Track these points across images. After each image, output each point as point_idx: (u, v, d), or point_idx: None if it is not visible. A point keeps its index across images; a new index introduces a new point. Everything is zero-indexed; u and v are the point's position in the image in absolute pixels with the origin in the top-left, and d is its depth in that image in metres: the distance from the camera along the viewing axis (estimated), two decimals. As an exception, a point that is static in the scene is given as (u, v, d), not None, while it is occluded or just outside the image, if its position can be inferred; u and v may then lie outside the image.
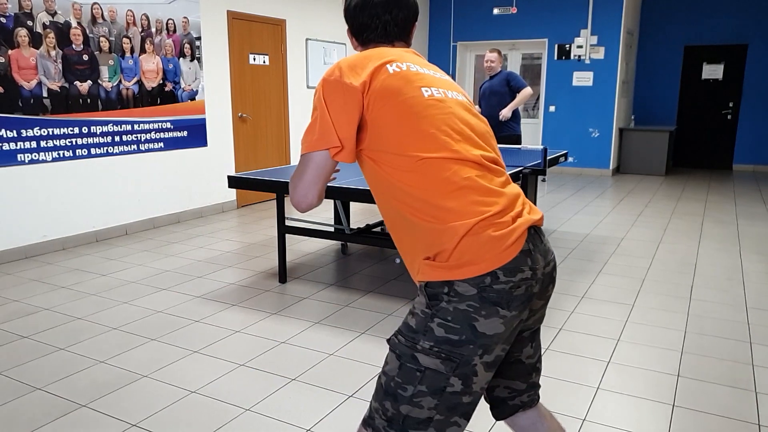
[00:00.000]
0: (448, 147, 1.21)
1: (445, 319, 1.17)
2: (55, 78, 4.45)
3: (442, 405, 1.19)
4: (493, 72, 5.66)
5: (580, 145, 8.80)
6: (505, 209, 1.20)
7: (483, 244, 1.16)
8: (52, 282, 3.82)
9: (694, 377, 2.55)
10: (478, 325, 1.16)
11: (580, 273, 4.04)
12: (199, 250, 4.61)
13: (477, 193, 1.19)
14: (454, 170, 1.19)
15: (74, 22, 4.54)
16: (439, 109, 1.24)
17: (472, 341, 1.16)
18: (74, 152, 4.62)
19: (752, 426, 2.18)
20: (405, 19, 1.40)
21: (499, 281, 1.16)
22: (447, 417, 1.20)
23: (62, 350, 2.81)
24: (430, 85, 1.27)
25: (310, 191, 1.26)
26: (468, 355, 1.17)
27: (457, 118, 1.26)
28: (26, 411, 2.28)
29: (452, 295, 1.16)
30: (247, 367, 2.64)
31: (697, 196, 6.98)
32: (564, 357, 2.75)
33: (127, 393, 2.41)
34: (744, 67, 8.98)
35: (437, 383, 1.18)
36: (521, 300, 1.18)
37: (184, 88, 5.49)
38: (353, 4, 1.40)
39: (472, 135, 1.26)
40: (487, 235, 1.16)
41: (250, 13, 6.15)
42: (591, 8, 8.35)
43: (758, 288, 3.73)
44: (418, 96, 1.23)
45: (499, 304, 1.16)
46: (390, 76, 1.24)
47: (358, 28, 1.41)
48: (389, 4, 1.38)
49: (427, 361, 1.18)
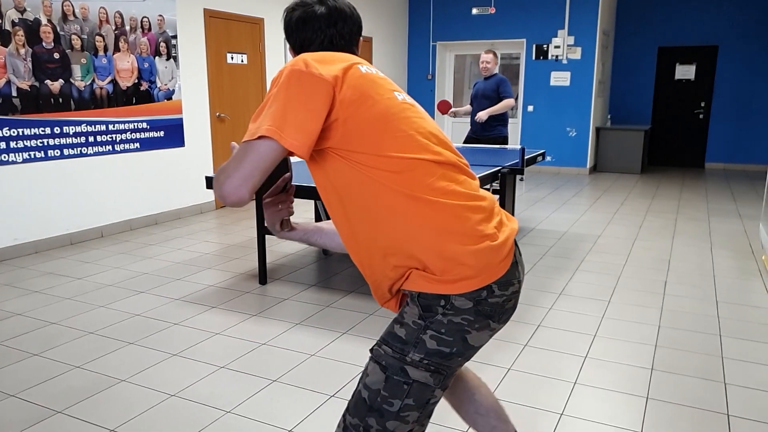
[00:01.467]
0: (429, 149, 1.17)
1: (439, 331, 1.15)
2: (25, 77, 4.35)
3: (423, 416, 1.20)
4: (488, 73, 5.77)
5: (558, 144, 8.93)
6: (489, 216, 1.19)
7: (480, 257, 1.13)
8: (25, 286, 3.74)
9: (666, 370, 2.62)
10: (470, 338, 1.17)
11: (558, 270, 4.10)
12: (177, 252, 4.55)
13: (464, 198, 1.16)
14: (440, 173, 1.16)
15: (44, 20, 4.44)
16: (414, 113, 1.21)
17: (462, 353, 1.17)
18: (46, 153, 4.52)
19: (721, 416, 2.25)
20: (350, 33, 1.35)
21: (494, 295, 1.16)
22: (422, 426, 1.22)
23: (36, 356, 2.76)
24: (399, 91, 1.25)
25: (244, 185, 1.08)
26: (455, 367, 1.19)
27: (428, 123, 1.24)
28: (0, 418, 2.23)
29: (448, 308, 1.14)
30: (228, 369, 2.62)
31: (671, 194, 7.14)
32: (542, 353, 2.80)
33: (105, 398, 2.37)
34: (715, 67, 9.20)
35: (423, 397, 1.17)
36: (509, 313, 1.21)
37: (160, 87, 5.42)
38: (295, 19, 1.32)
39: (444, 140, 1.25)
40: (486, 245, 1.14)
41: (228, 12, 6.09)
42: (568, 9, 8.47)
43: (728, 283, 3.84)
44: (393, 98, 1.19)
45: (492, 317, 1.17)
46: (363, 76, 1.18)
47: (302, 44, 1.32)
48: (333, 17, 1.31)
49: (417, 374, 1.16)
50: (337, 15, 1.32)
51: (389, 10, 9.17)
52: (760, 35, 8.79)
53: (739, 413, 2.26)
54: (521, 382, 2.51)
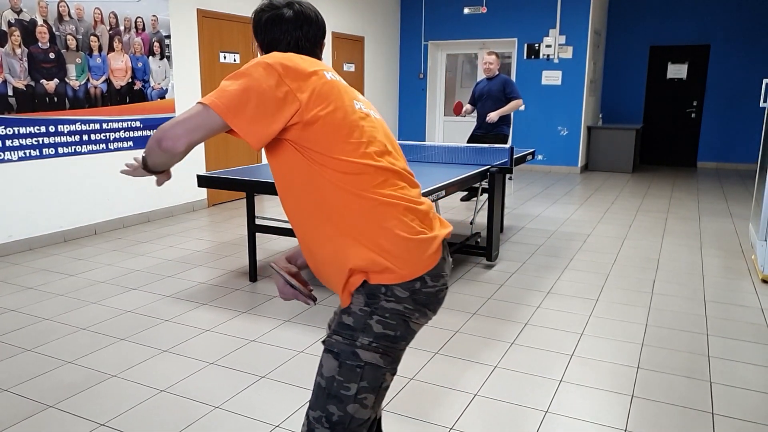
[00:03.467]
0: (375, 157, 1.26)
1: (384, 316, 1.25)
2: (21, 76, 4.37)
3: (378, 402, 1.28)
4: (491, 74, 5.94)
5: (549, 143, 8.98)
6: (424, 218, 1.30)
7: (413, 250, 1.24)
8: (19, 283, 3.77)
9: (653, 369, 2.65)
10: (412, 324, 1.28)
11: (547, 269, 4.15)
12: (169, 249, 4.59)
13: (406, 201, 1.27)
14: (383, 179, 1.26)
15: (40, 20, 4.46)
16: (368, 122, 1.31)
17: (405, 338, 1.28)
18: (41, 151, 4.55)
19: (706, 415, 2.27)
20: (315, 36, 1.42)
21: (428, 285, 1.27)
22: (375, 412, 1.30)
23: (29, 351, 2.79)
24: (358, 100, 1.33)
25: (184, 138, 1.17)
26: (401, 350, 1.29)
27: (381, 133, 1.33)
28: (-9, 413, 2.26)
29: (389, 295, 1.25)
30: (217, 365, 2.66)
31: (662, 193, 7.19)
32: (528, 351, 2.84)
33: (96, 393, 2.41)
34: (707, 66, 9.27)
35: (376, 380, 1.25)
36: (441, 303, 1.33)
37: (153, 86, 5.44)
38: (264, 19, 1.39)
39: (393, 150, 1.34)
40: (419, 239, 1.25)
41: (220, 11, 6.11)
42: (559, 8, 8.52)
43: (716, 282, 3.89)
44: (351, 107, 1.28)
45: (428, 306, 1.29)
46: (327, 83, 1.26)
47: (269, 43, 1.40)
48: (299, 21, 1.39)
49: (367, 356, 1.24)
50: (303, 19, 1.40)
51: (381, 10, 9.19)
52: (752, 34, 8.86)
53: (723, 412, 2.29)
54: (507, 379, 2.55)
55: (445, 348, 2.86)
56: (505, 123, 5.97)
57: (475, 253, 4.29)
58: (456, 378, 2.55)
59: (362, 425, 1.26)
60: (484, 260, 4.29)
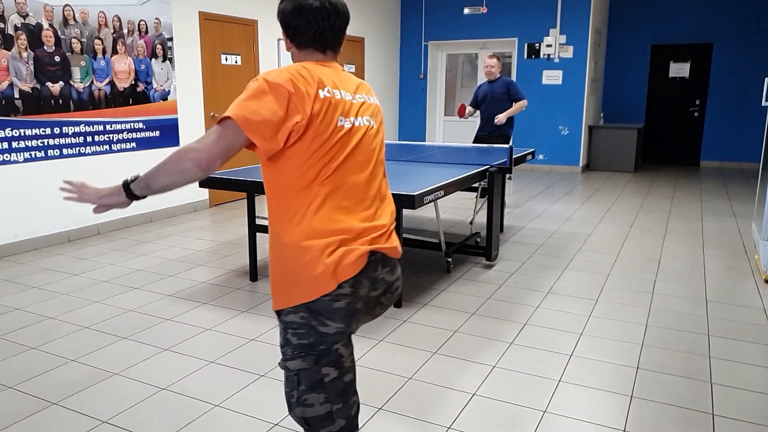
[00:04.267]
0: (328, 176, 1.34)
1: (294, 328, 1.37)
2: (27, 79, 4.42)
3: (332, 394, 1.38)
4: (492, 77, 6.01)
5: (550, 142, 8.98)
6: (346, 240, 1.34)
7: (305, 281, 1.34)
8: (24, 282, 3.81)
9: (652, 369, 2.65)
10: (320, 328, 1.36)
11: (547, 269, 4.16)
12: (170, 249, 4.62)
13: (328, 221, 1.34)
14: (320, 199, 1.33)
15: (46, 24, 4.51)
16: (343, 139, 1.36)
17: (321, 341, 1.37)
18: (46, 153, 4.60)
19: (706, 415, 2.27)
20: (340, 27, 1.45)
21: (320, 299, 1.34)
22: (344, 401, 1.40)
23: (33, 349, 2.83)
24: (343, 113, 1.37)
25: (218, 161, 1.27)
26: (326, 347, 1.37)
27: (355, 149, 1.38)
28: (-4, 411, 2.30)
29: (288, 311, 1.37)
30: (217, 364, 2.69)
31: (664, 193, 7.19)
32: (527, 351, 2.85)
33: (98, 391, 2.44)
34: (710, 65, 9.25)
35: (313, 378, 1.37)
36: (343, 313, 1.36)
37: (156, 88, 5.48)
38: (289, 9, 1.41)
39: (360, 165, 1.39)
40: (315, 274, 1.32)
41: (222, 14, 6.15)
42: (560, 8, 8.52)
43: (718, 282, 3.88)
44: (332, 122, 1.34)
45: (323, 315, 1.35)
46: (317, 100, 1.32)
47: (294, 32, 1.42)
48: (325, 11, 1.40)
49: (294, 364, 1.39)
50: (331, 9, 1.42)
51: (381, 10, 9.21)
52: (755, 32, 8.83)
53: (724, 413, 2.29)
54: (505, 379, 2.57)
55: (444, 348, 2.88)
56: (508, 124, 6.04)
57: (475, 253, 4.31)
58: (454, 378, 2.57)
59: (325, 420, 1.39)
60: (483, 260, 4.31)
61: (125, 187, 1.35)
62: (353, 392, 1.44)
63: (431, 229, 5.27)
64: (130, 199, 1.36)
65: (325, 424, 1.39)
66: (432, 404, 2.36)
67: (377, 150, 1.47)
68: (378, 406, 2.33)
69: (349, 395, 1.42)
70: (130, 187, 1.35)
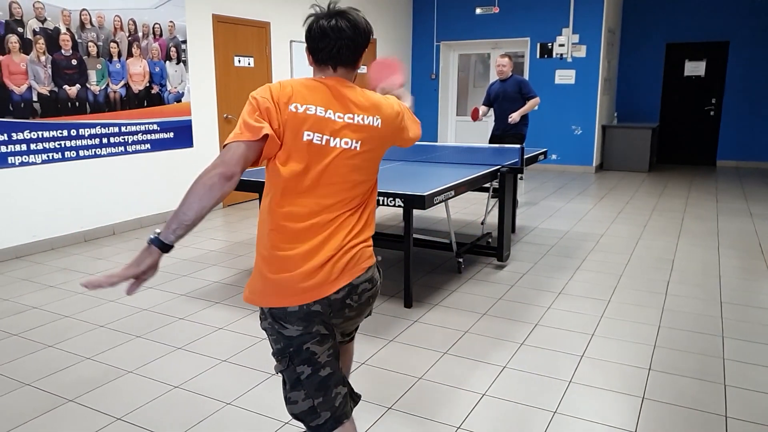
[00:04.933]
0: (290, 188, 1.44)
1: (269, 334, 1.52)
2: (45, 82, 4.51)
3: (310, 389, 1.48)
4: (504, 76, 6.07)
5: (563, 142, 8.92)
6: (305, 257, 1.45)
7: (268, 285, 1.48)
8: (41, 281, 3.88)
9: (664, 371, 2.63)
10: (283, 331, 1.47)
11: (558, 270, 4.14)
12: (184, 249, 4.68)
13: (282, 235, 1.46)
14: (285, 212, 1.45)
15: (63, 28, 4.59)
16: (307, 153, 1.44)
17: (290, 344, 1.48)
18: (63, 154, 4.68)
19: (719, 418, 2.25)
20: (360, 45, 1.53)
21: (279, 308, 1.48)
22: (324, 394, 1.48)
23: (50, 347, 2.88)
24: (315, 130, 1.44)
25: (238, 171, 1.45)
26: (295, 348, 1.47)
27: (315, 167, 1.44)
28: (15, 406, 2.35)
29: (262, 317, 1.53)
30: (229, 362, 2.72)
31: (678, 193, 7.11)
32: (538, 351, 2.85)
33: (113, 388, 2.49)
34: (726, 63, 9.13)
35: (292, 377, 1.49)
36: (298, 316, 1.46)
37: (170, 90, 5.55)
38: (318, 28, 1.50)
39: (314, 185, 1.45)
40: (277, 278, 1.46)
41: (235, 17, 6.21)
42: (572, 7, 8.47)
43: (733, 283, 3.83)
44: (298, 138, 1.44)
45: (282, 320, 1.47)
46: (287, 113, 1.44)
47: (314, 49, 1.53)
48: (342, 30, 1.48)
49: (278, 367, 1.52)
50: (351, 28, 1.52)
51: (393, 12, 9.23)
52: (772, 32, 8.70)
53: (737, 415, 2.26)
54: (515, 380, 2.56)
55: (454, 348, 2.88)
56: (523, 123, 6.09)
57: (486, 254, 4.31)
58: (464, 378, 2.58)
59: (309, 414, 1.49)
60: (495, 260, 4.30)
61: (154, 242, 1.34)
62: (334, 385, 1.50)
63: (443, 229, 5.27)
64: (164, 252, 1.35)
65: (311, 419, 1.49)
66: (441, 404, 2.37)
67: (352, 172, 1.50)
68: (387, 406, 2.35)
69: (328, 388, 1.49)
70: (159, 239, 1.34)
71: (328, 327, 1.52)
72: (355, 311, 1.56)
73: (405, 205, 3.13)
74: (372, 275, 1.57)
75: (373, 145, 1.52)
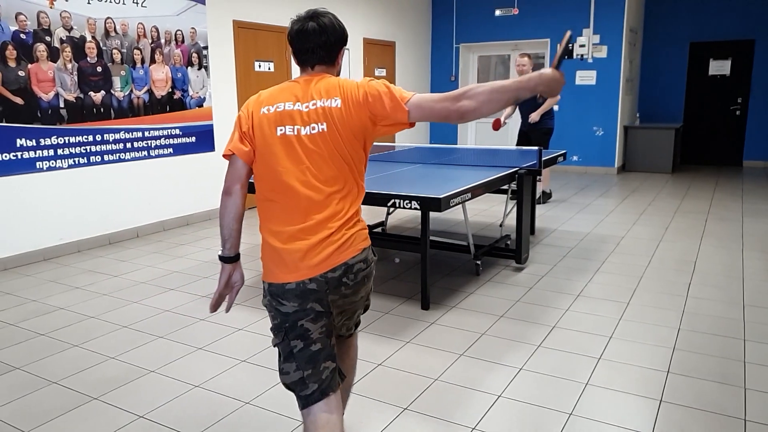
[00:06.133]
0: (275, 179, 1.60)
1: (268, 311, 1.67)
2: (71, 89, 4.64)
3: (301, 362, 1.60)
4: None
5: (585, 143, 8.83)
6: (293, 236, 1.59)
7: (269, 260, 1.65)
8: (68, 283, 4.00)
9: (683, 373, 2.60)
10: (282, 309, 1.61)
11: (577, 272, 4.11)
12: (206, 251, 4.76)
13: (276, 219, 1.62)
14: (270, 194, 1.62)
15: (89, 36, 4.73)
16: (285, 147, 1.59)
17: (286, 320, 1.61)
18: (89, 159, 4.81)
19: (738, 421, 2.22)
20: (333, 43, 1.66)
21: (275, 285, 1.62)
22: (313, 367, 1.61)
23: (76, 347, 2.97)
24: (286, 123, 1.60)
25: (234, 184, 1.68)
26: (291, 324, 1.60)
27: (294, 155, 1.58)
28: (43, 403, 2.43)
29: (263, 294, 1.68)
30: (248, 363, 2.77)
31: (702, 194, 6.98)
32: (555, 354, 2.84)
33: (136, 387, 2.55)
34: (752, 62, 8.93)
35: (285, 350, 1.62)
36: (296, 293, 1.58)
37: (192, 95, 5.67)
38: (293, 32, 1.67)
39: (300, 167, 1.58)
40: (274, 253, 1.62)
41: (255, 22, 6.30)
42: (593, 8, 8.38)
43: (757, 285, 3.75)
44: (272, 135, 1.60)
45: (279, 296, 1.60)
46: (259, 116, 1.63)
47: (296, 52, 1.69)
48: (317, 32, 1.63)
49: (274, 341, 1.66)
50: (322, 30, 1.65)
51: (412, 15, 9.25)
52: (800, 29, 8.49)
53: (757, 418, 2.23)
54: (531, 382, 2.56)
55: (470, 350, 2.89)
56: (548, 116, 6.29)
57: (505, 256, 4.30)
58: (480, 379, 2.58)
59: (299, 384, 1.61)
60: (513, 263, 4.29)
61: (220, 259, 1.75)
62: (323, 359, 1.62)
63: (462, 231, 5.27)
64: (228, 262, 1.74)
65: (300, 389, 1.61)
66: (457, 405, 2.38)
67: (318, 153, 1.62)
68: (403, 407, 2.37)
69: (317, 362, 1.61)
70: (219, 255, 1.75)
71: (324, 304, 1.61)
72: (351, 289, 1.64)
73: (421, 207, 3.15)
74: (366, 256, 1.67)
75: (339, 126, 1.59)
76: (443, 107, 1.63)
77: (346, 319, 1.78)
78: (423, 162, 4.68)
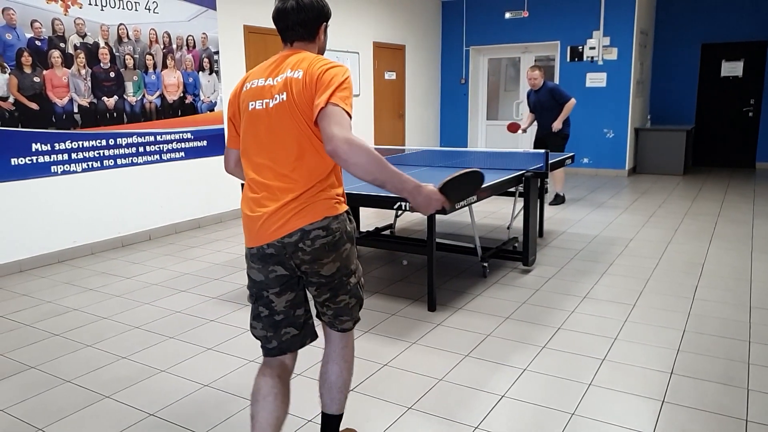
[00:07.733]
0: (245, 150, 1.76)
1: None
2: (85, 95, 4.74)
3: (266, 325, 1.81)
4: (536, 87, 6.47)
5: (595, 146, 8.80)
6: (263, 200, 1.70)
7: (245, 225, 1.77)
8: (82, 284, 4.08)
9: (686, 375, 2.61)
10: (251, 273, 1.79)
11: (584, 274, 4.12)
12: (217, 253, 4.83)
13: (249, 189, 1.75)
14: (246, 167, 1.76)
15: (102, 42, 4.83)
16: (253, 121, 1.72)
17: (253, 285, 1.80)
18: (102, 163, 4.91)
19: (739, 422, 2.23)
20: (310, 20, 1.75)
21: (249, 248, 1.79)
22: (275, 331, 1.80)
23: (89, 347, 3.05)
24: (257, 98, 1.71)
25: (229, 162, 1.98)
26: (257, 292, 1.79)
27: (261, 128, 1.70)
28: (57, 401, 2.50)
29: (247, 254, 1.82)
30: (257, 363, 2.82)
31: (713, 196, 6.94)
32: (559, 355, 2.85)
33: (147, 386, 2.62)
34: (765, 63, 8.85)
35: (254, 312, 1.82)
36: (258, 257, 1.74)
37: (203, 100, 5.75)
38: (274, 11, 1.78)
39: (266, 138, 1.70)
40: (247, 218, 1.75)
41: (266, 27, 6.38)
42: (603, 9, 8.36)
43: (765, 288, 3.74)
44: (245, 110, 1.75)
45: (249, 259, 1.78)
46: (243, 94, 1.78)
47: (279, 30, 1.79)
48: (295, 10, 1.73)
49: (248, 298, 1.85)
50: (300, 7, 1.74)
51: (422, 18, 9.29)
52: (813, 29, 8.40)
53: (759, 419, 2.24)
54: (535, 382, 2.58)
55: (475, 351, 2.92)
56: (565, 123, 6.47)
57: (512, 258, 4.31)
58: (484, 380, 2.61)
59: (263, 339, 1.82)
60: (521, 265, 4.30)
61: None
62: (284, 326, 1.79)
63: (470, 233, 5.29)
64: None
65: (263, 342, 1.83)
66: (460, 405, 2.41)
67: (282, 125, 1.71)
68: (408, 406, 2.40)
69: (279, 328, 1.79)
70: None
71: (288, 267, 1.73)
72: (309, 255, 1.71)
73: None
74: (329, 224, 1.70)
75: (296, 96, 1.64)
76: (329, 134, 1.53)
77: (326, 299, 1.81)
78: (431, 165, 4.72)
